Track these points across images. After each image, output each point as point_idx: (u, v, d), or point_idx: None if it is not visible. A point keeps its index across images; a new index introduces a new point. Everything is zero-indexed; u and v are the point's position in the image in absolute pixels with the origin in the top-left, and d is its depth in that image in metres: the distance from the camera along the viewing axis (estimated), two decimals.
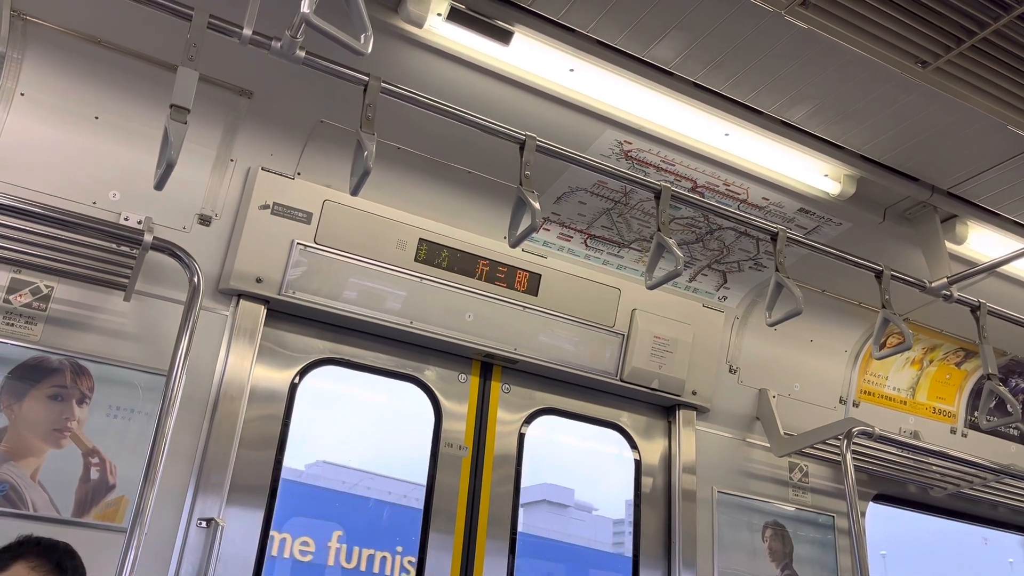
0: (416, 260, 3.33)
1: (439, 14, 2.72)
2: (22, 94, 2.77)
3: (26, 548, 2.15)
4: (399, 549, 3.35)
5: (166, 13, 2.26)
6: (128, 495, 2.69)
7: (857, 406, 4.39)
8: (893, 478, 4.32)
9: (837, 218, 3.60)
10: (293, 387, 3.22)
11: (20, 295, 2.73)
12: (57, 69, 2.80)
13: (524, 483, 3.55)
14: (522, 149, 2.65)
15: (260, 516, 3.00)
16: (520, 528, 3.45)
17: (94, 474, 2.69)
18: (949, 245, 3.62)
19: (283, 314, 3.21)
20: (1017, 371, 4.87)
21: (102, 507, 2.67)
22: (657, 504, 3.82)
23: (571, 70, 2.94)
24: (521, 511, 3.50)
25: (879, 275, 3.31)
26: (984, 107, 2.97)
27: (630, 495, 3.78)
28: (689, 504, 3.78)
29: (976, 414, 4.73)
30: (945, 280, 3.46)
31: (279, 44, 2.29)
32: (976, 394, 4.75)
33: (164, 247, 2.71)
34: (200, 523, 2.78)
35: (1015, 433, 4.97)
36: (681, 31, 2.75)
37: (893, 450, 4.10)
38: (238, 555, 2.91)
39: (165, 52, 2.80)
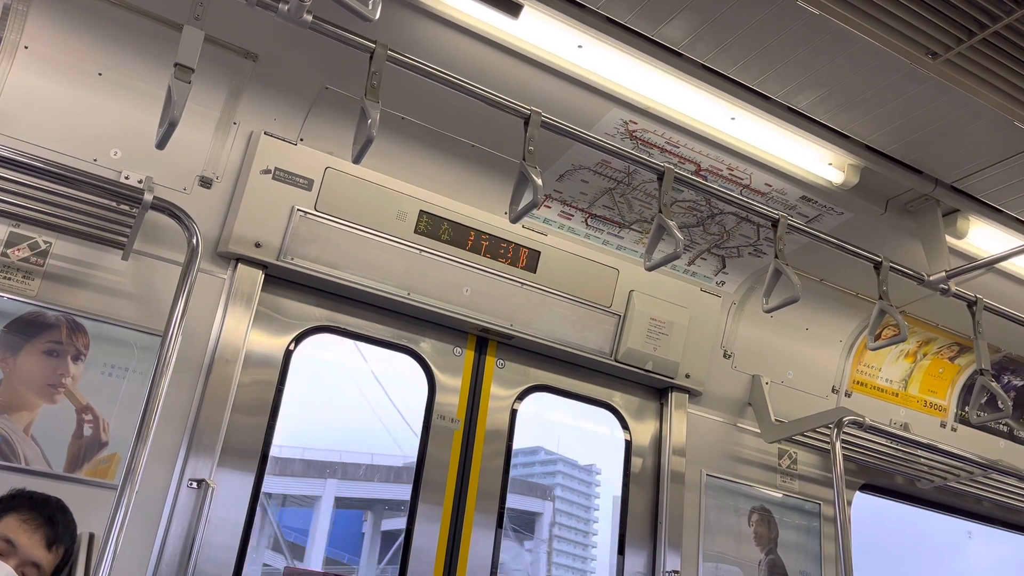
0: (416, 232, 3.32)
1: None
2: (26, 47, 2.75)
3: (18, 501, 2.17)
4: None
5: None
6: (120, 453, 2.71)
7: (849, 396, 4.41)
8: (881, 468, 4.34)
9: (839, 207, 3.60)
10: (288, 353, 3.22)
11: (18, 249, 2.73)
12: (62, 23, 2.78)
13: None
14: (526, 124, 2.64)
15: (251, 480, 3.02)
16: None
17: (87, 431, 2.70)
18: (949, 239, 3.62)
19: (281, 280, 3.21)
20: (1010, 368, 4.88)
21: (94, 464, 2.68)
22: (645, 485, 3.84)
23: (579, 47, 2.92)
24: None
25: (878, 266, 3.31)
26: (992, 102, 2.95)
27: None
28: (677, 486, 3.81)
29: (967, 409, 4.75)
30: (943, 274, 3.46)
31: (286, 7, 2.27)
32: (968, 389, 4.77)
33: (164, 207, 2.70)
34: (191, 484, 2.80)
35: (1004, 429, 5.00)
36: (692, 12, 2.73)
37: (882, 441, 4.12)
38: (227, 518, 2.93)
39: (171, 10, 2.77)
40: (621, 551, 3.72)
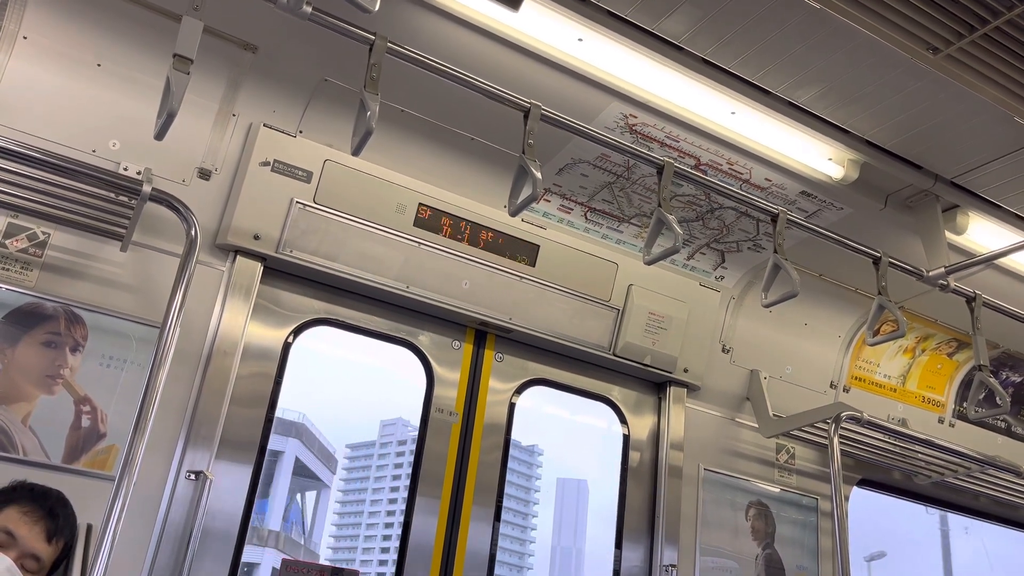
0: (415, 225, 3.32)
1: None
2: (25, 37, 2.74)
3: (19, 493, 2.17)
4: None
5: None
6: (118, 444, 2.70)
7: (847, 391, 4.41)
8: (878, 464, 4.35)
9: (838, 203, 3.59)
10: (287, 346, 3.22)
11: (16, 240, 2.72)
12: (61, 13, 2.77)
13: None
14: (526, 117, 2.64)
15: (249, 472, 3.02)
16: None
17: (85, 422, 2.70)
18: (948, 235, 3.62)
19: (279, 272, 3.21)
20: (1008, 364, 4.89)
21: (92, 455, 2.68)
22: (643, 479, 3.85)
23: (580, 40, 2.91)
24: None
25: (877, 262, 3.31)
26: (993, 97, 2.95)
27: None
28: (675, 480, 3.81)
29: (965, 404, 4.76)
30: (942, 269, 3.46)
31: None
32: (966, 385, 4.77)
33: (162, 199, 2.70)
34: (189, 475, 2.80)
35: (1002, 425, 5.01)
36: (692, 6, 2.72)
37: (880, 436, 4.13)
38: (225, 510, 2.93)
39: (170, 1, 2.77)
40: (619, 545, 3.72)
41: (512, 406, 3.64)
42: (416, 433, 3.38)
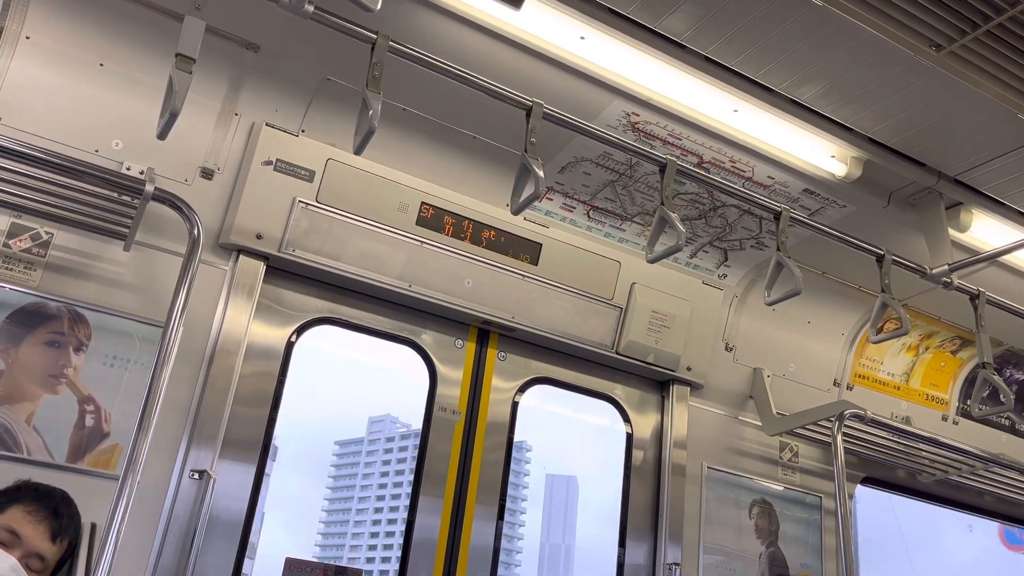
0: (417, 223, 3.32)
1: None
2: (27, 37, 2.75)
3: (23, 493, 2.17)
4: None
5: None
6: (122, 443, 2.71)
7: (851, 389, 4.41)
8: (882, 462, 4.35)
9: (841, 200, 3.59)
10: (290, 345, 3.23)
11: (20, 240, 2.73)
12: (63, 14, 2.77)
13: None
14: (529, 115, 2.64)
15: (252, 472, 3.02)
16: None
17: (89, 421, 2.70)
18: (952, 232, 3.62)
19: (282, 271, 3.21)
20: (1012, 362, 4.88)
21: (96, 454, 2.68)
22: (646, 478, 3.85)
23: (582, 38, 2.91)
24: None
25: (880, 259, 3.30)
26: (996, 94, 2.95)
27: None
28: (678, 479, 3.81)
29: (969, 402, 4.75)
30: (946, 267, 3.46)
31: None
32: (970, 382, 4.76)
33: (165, 198, 2.70)
34: (192, 475, 2.80)
35: (1006, 423, 5.00)
36: (694, 3, 2.72)
37: (884, 434, 4.12)
38: (229, 508, 2.94)
39: (172, 1, 2.77)
40: (622, 543, 3.72)
41: (515, 405, 3.64)
42: (405, 430, 3.38)
